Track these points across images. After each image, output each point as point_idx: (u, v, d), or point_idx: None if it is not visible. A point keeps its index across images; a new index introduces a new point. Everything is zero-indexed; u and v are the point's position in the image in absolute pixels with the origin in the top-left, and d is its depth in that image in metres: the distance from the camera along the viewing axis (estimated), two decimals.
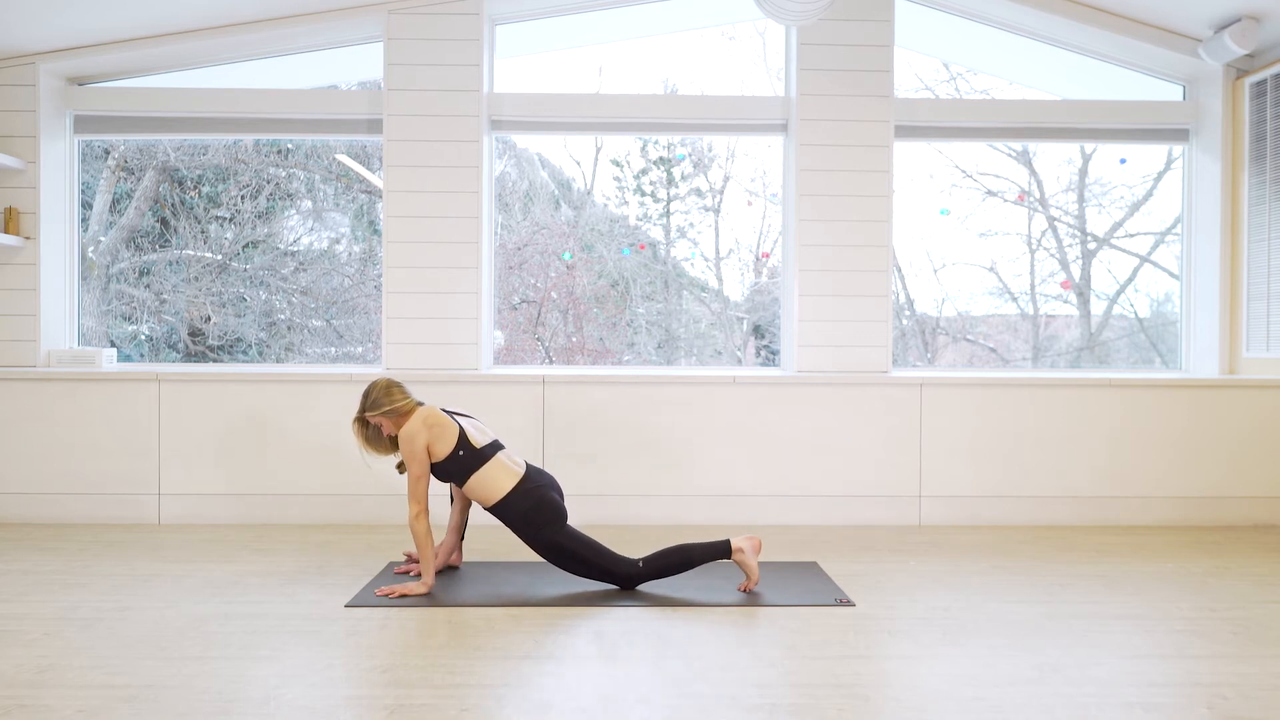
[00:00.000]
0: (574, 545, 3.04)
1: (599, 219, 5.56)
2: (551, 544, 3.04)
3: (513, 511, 3.05)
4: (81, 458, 4.17)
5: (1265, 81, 4.39)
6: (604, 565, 3.03)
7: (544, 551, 3.06)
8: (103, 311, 4.97)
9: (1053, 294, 5.30)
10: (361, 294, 5.22)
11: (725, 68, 5.18)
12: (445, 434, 3.06)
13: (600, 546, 3.06)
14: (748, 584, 3.06)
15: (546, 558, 3.08)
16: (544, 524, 3.04)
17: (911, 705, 2.14)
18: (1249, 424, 4.26)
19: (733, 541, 3.06)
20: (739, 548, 3.05)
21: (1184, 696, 2.19)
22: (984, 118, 4.64)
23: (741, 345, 5.41)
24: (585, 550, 3.03)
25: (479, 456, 3.08)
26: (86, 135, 4.59)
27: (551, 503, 3.08)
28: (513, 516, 3.06)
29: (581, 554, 3.03)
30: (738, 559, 3.06)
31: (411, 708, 2.10)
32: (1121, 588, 3.16)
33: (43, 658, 2.41)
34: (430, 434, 3.05)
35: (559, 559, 3.05)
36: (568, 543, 3.03)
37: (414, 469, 3.04)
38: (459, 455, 3.06)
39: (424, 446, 3.04)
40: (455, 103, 4.36)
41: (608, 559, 3.04)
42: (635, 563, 3.05)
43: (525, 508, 3.05)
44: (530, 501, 3.05)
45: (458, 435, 3.07)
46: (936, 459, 4.24)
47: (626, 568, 3.04)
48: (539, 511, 3.05)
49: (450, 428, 3.08)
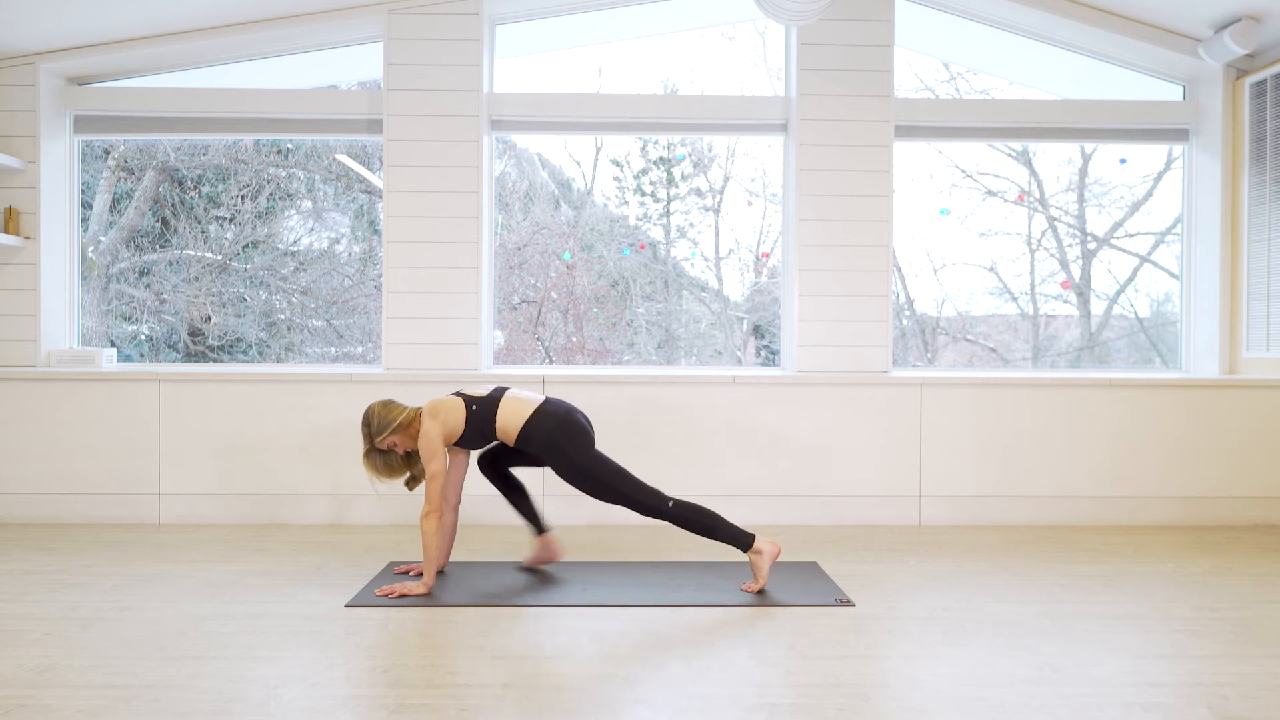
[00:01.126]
0: (602, 470, 3.07)
1: (599, 219, 5.56)
2: (579, 468, 3.06)
3: (538, 436, 3.08)
4: (81, 458, 4.17)
5: (1265, 81, 4.39)
6: (629, 492, 3.06)
7: (573, 477, 3.08)
8: (103, 311, 4.97)
9: (1053, 294, 5.30)
10: (361, 294, 5.22)
11: (725, 68, 5.18)
12: (452, 408, 3.11)
13: (629, 474, 3.09)
14: (753, 586, 3.07)
15: (575, 483, 3.09)
16: (569, 444, 3.07)
17: (911, 705, 2.14)
18: (1249, 424, 4.26)
19: (757, 540, 3.08)
20: (759, 549, 3.07)
21: (1184, 696, 2.19)
22: (984, 118, 4.64)
23: (741, 345, 5.41)
24: (613, 476, 3.06)
25: (490, 401, 3.14)
26: (86, 135, 4.59)
27: (575, 422, 3.13)
28: (539, 442, 3.09)
29: (608, 480, 3.06)
30: (753, 558, 3.07)
31: (411, 708, 2.10)
32: (1121, 588, 3.16)
33: (43, 658, 2.41)
34: (441, 420, 3.08)
35: (588, 484, 3.07)
36: (595, 466, 3.06)
37: (433, 466, 3.04)
38: (474, 411, 3.11)
39: (441, 437, 3.06)
40: (455, 103, 4.37)
41: (634, 485, 3.06)
42: (665, 499, 3.07)
43: (549, 427, 3.09)
44: (553, 421, 3.10)
45: (462, 400, 3.14)
46: (936, 459, 4.24)
47: (653, 499, 3.06)
48: (563, 430, 3.08)
49: (452, 400, 3.14)
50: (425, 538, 3.03)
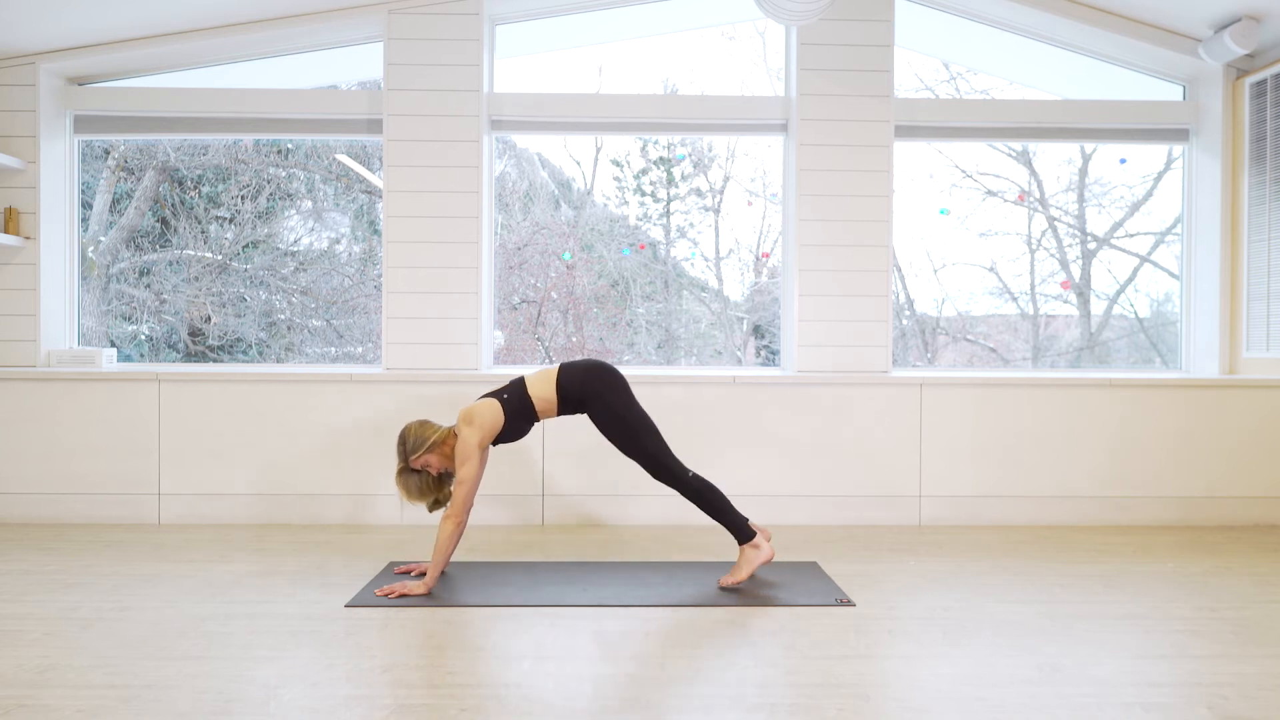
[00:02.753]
0: (637, 423, 3.13)
1: (599, 219, 5.56)
2: (617, 415, 3.12)
3: (573, 390, 3.15)
4: (81, 458, 4.17)
5: (1265, 81, 4.39)
6: (656, 452, 3.12)
7: (610, 423, 3.13)
8: (103, 311, 4.97)
9: (1053, 294, 5.30)
10: (361, 294, 5.22)
11: (725, 68, 5.18)
12: (485, 408, 3.12)
13: (660, 435, 3.16)
14: (729, 580, 3.10)
15: (610, 431, 3.14)
16: (608, 390, 3.14)
17: (911, 705, 2.14)
18: (1249, 424, 4.26)
19: (756, 537, 3.12)
20: (757, 545, 3.11)
21: (1184, 696, 2.19)
22: (984, 118, 4.64)
23: (741, 345, 5.41)
24: (646, 433, 3.13)
25: (516, 384, 3.20)
26: (86, 135, 4.59)
27: (607, 368, 3.20)
28: (576, 393, 3.15)
29: (640, 434, 3.12)
30: (748, 551, 3.11)
31: (411, 708, 2.10)
32: (1121, 588, 3.16)
33: (43, 658, 2.40)
34: (478, 424, 3.08)
35: (621, 434, 3.12)
36: (632, 417, 3.13)
37: (465, 470, 3.03)
38: (506, 400, 3.14)
39: (477, 442, 3.06)
40: (455, 103, 4.37)
41: (664, 447, 3.14)
42: (686, 470, 3.15)
43: (579, 376, 3.16)
44: (580, 369, 3.18)
45: (490, 396, 3.16)
46: (936, 459, 4.24)
47: (677, 466, 3.14)
48: (596, 375, 3.16)
49: (480, 402, 3.15)
50: (441, 539, 3.02)
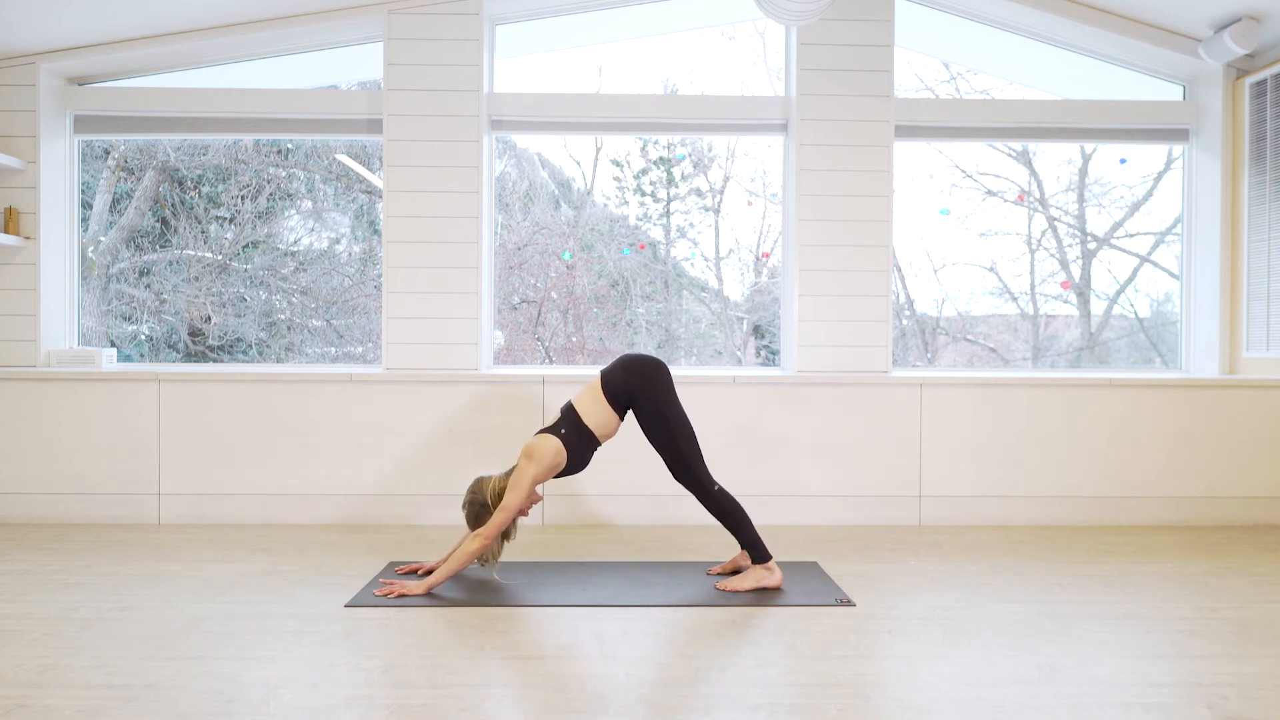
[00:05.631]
0: (676, 423, 3.12)
1: (599, 219, 5.56)
2: (659, 410, 3.11)
3: (620, 391, 3.12)
4: (81, 458, 4.17)
5: (1265, 81, 4.39)
6: (689, 456, 3.11)
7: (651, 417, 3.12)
8: (103, 311, 4.97)
9: (1053, 294, 5.30)
10: (361, 294, 5.22)
11: (725, 68, 5.18)
12: (544, 445, 3.06)
13: (696, 442, 3.16)
14: (726, 584, 3.10)
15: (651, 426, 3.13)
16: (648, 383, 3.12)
17: (911, 705, 2.14)
18: (1248, 424, 4.26)
19: (771, 561, 3.14)
20: (770, 568, 3.12)
21: (1184, 696, 2.19)
22: (984, 118, 4.64)
23: (741, 345, 5.41)
24: (682, 435, 3.12)
25: (567, 411, 3.15)
26: (86, 135, 4.59)
27: (643, 358, 3.18)
28: (622, 392, 3.12)
29: (677, 435, 3.11)
30: (758, 569, 3.12)
31: (411, 708, 2.10)
32: (1121, 588, 3.16)
33: (43, 658, 2.41)
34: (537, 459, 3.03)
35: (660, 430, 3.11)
36: (673, 416, 3.12)
37: (511, 498, 3.01)
38: (564, 434, 3.10)
39: (533, 477, 3.02)
40: (455, 103, 4.36)
41: (697, 454, 3.13)
42: (714, 481, 3.15)
43: (621, 375, 3.14)
44: (620, 368, 3.15)
45: (546, 433, 3.11)
46: (936, 459, 4.24)
47: (705, 475, 3.14)
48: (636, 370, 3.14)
49: (546, 440, 3.07)
50: (463, 555, 3.01)
